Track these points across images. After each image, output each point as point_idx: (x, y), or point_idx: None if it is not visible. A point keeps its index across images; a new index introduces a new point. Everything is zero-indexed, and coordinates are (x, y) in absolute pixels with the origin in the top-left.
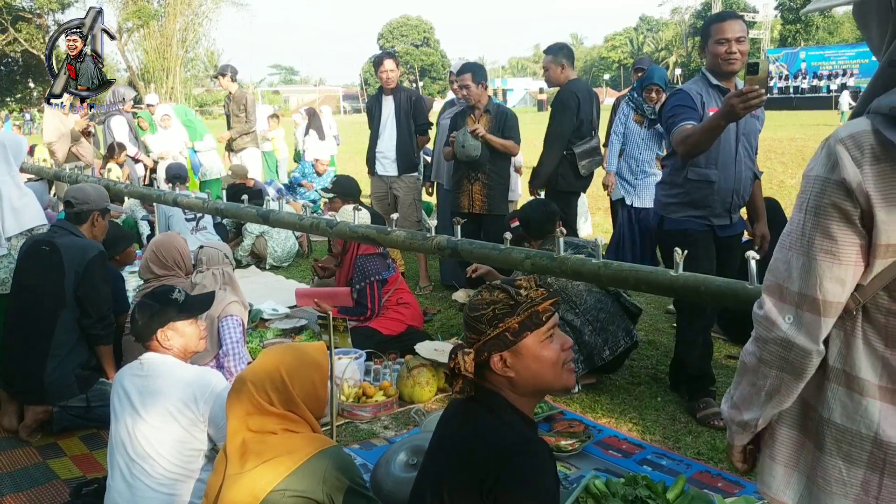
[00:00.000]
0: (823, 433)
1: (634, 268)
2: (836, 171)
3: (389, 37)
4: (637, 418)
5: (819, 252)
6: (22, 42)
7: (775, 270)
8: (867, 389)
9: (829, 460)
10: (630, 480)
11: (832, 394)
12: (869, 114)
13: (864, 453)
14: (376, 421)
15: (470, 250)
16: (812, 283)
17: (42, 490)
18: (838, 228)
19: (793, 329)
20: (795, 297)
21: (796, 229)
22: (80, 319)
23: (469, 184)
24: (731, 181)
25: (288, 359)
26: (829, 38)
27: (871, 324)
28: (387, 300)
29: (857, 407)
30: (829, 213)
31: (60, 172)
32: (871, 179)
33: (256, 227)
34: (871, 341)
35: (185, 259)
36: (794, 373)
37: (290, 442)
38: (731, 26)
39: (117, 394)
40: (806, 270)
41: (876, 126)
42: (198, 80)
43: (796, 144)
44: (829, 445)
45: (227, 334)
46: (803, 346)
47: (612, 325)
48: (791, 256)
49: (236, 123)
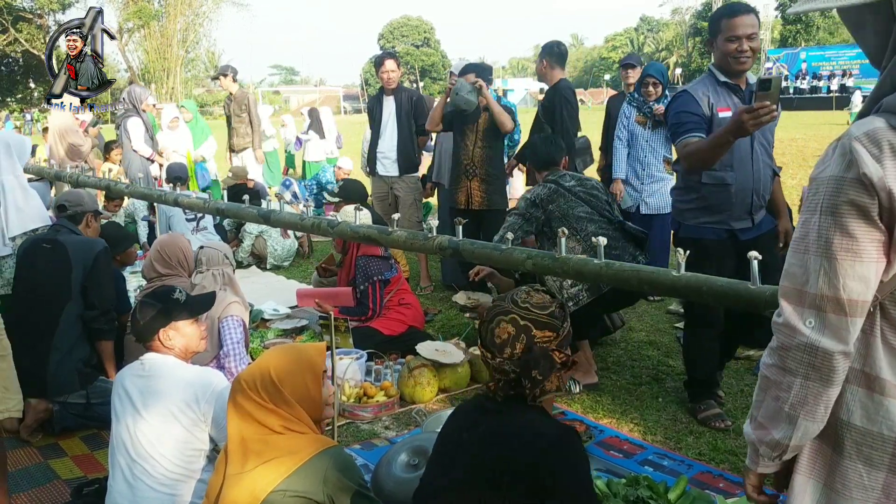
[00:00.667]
0: (842, 436)
1: (636, 268)
2: (854, 168)
3: (390, 37)
4: (638, 419)
5: (839, 251)
6: (23, 42)
7: (791, 275)
8: (888, 390)
9: (848, 464)
10: (631, 481)
11: (851, 395)
12: (880, 112)
13: (886, 455)
14: (377, 421)
15: (471, 250)
16: (834, 283)
17: (43, 490)
18: (857, 226)
19: (815, 332)
20: (816, 299)
21: (812, 232)
22: (84, 313)
23: (467, 180)
24: (750, 181)
25: (281, 360)
26: (830, 39)
27: (889, 322)
28: (388, 300)
29: (879, 408)
30: (846, 212)
31: (61, 173)
32: (893, 174)
33: (255, 227)
34: (890, 340)
35: (188, 259)
36: (820, 379)
37: (290, 442)
38: (743, 22)
39: (118, 394)
40: (826, 271)
41: (891, 122)
42: (198, 81)
43: (797, 145)
44: (849, 449)
45: (228, 335)
46: (828, 348)
47: (615, 251)
48: (808, 259)
49: (238, 124)
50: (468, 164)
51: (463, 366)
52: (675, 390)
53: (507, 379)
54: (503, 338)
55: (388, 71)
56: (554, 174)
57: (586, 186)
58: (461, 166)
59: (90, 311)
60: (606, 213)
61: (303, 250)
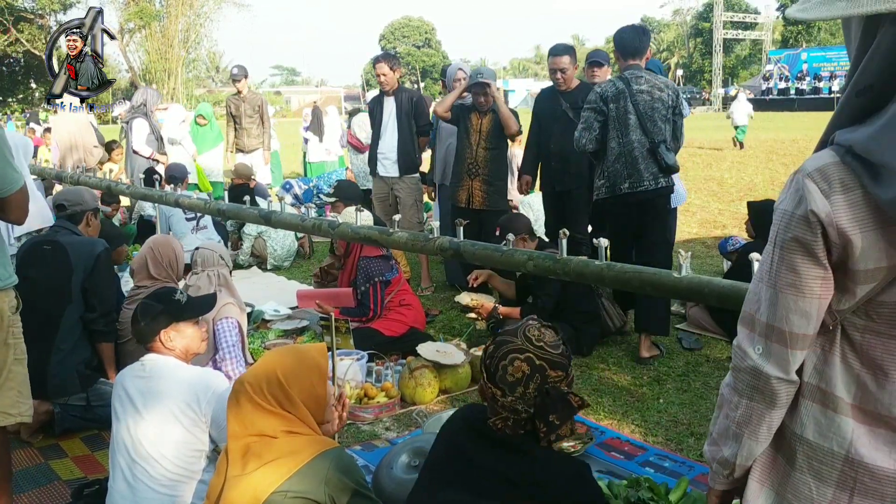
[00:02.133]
0: (795, 449)
1: (638, 269)
2: (802, 204)
3: (391, 38)
4: (639, 420)
5: (784, 286)
6: (24, 43)
7: (748, 301)
8: (841, 407)
9: (799, 477)
10: (632, 482)
11: (806, 410)
12: (833, 145)
13: (835, 472)
14: (378, 422)
15: (472, 251)
16: (779, 315)
17: (43, 491)
18: (801, 262)
19: (761, 359)
20: (764, 328)
21: (766, 262)
22: (84, 315)
23: (469, 179)
24: None
25: (286, 360)
26: (831, 40)
27: (849, 343)
28: (389, 301)
29: (831, 424)
30: (792, 248)
31: (62, 174)
32: (843, 208)
33: (254, 228)
34: (849, 360)
35: (179, 263)
36: (764, 401)
37: (291, 443)
38: None
39: (119, 395)
40: (773, 303)
41: (841, 157)
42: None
43: (798, 146)
44: (801, 462)
45: (223, 337)
46: (770, 373)
47: (641, 164)
48: (761, 288)
49: (249, 125)
50: (471, 163)
51: (464, 367)
52: (676, 391)
53: (517, 418)
54: (517, 377)
55: (380, 73)
56: (630, 70)
57: (654, 96)
58: (464, 165)
59: (90, 313)
60: (650, 129)
61: (304, 251)
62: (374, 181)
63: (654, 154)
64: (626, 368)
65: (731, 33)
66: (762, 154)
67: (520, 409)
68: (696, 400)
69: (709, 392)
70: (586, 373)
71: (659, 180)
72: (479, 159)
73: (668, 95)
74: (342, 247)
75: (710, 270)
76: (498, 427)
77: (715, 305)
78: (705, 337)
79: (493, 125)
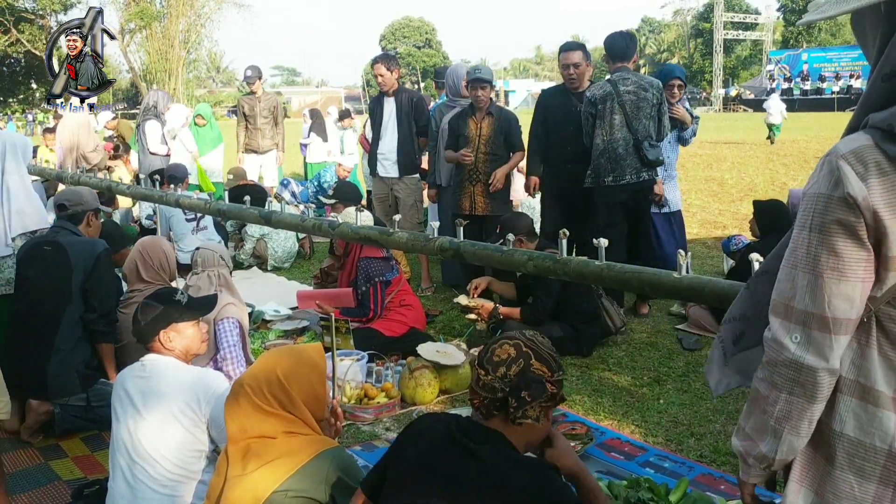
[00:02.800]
0: (835, 446)
1: (638, 270)
2: (840, 187)
3: (391, 38)
4: (639, 420)
5: (825, 269)
6: (24, 43)
7: (780, 290)
8: (882, 401)
9: (839, 475)
10: (632, 483)
11: (844, 406)
12: (867, 128)
13: (878, 467)
14: (378, 422)
15: (472, 251)
16: (819, 300)
17: (43, 491)
18: (844, 245)
19: (800, 349)
20: (802, 315)
21: (800, 247)
22: (84, 315)
23: (471, 185)
24: None
25: (284, 360)
26: (832, 40)
27: (885, 334)
28: (389, 301)
29: (872, 419)
30: (833, 230)
31: (63, 174)
32: (879, 192)
33: (257, 230)
34: (886, 351)
35: (169, 263)
36: (805, 395)
37: (291, 443)
38: None
39: (119, 395)
40: (812, 288)
41: (877, 140)
42: (200, 82)
43: (798, 146)
44: (841, 459)
45: (224, 338)
46: (812, 365)
47: (624, 161)
48: (796, 275)
49: (264, 125)
50: (472, 169)
51: (464, 367)
52: (676, 392)
53: (493, 397)
54: (502, 357)
55: (378, 74)
56: (619, 72)
57: (639, 96)
58: (465, 170)
59: (90, 313)
60: (634, 127)
61: (304, 251)
62: (374, 181)
63: (639, 150)
64: (626, 368)
65: (732, 34)
66: (762, 155)
67: (497, 387)
68: (696, 400)
69: (709, 393)
70: (586, 373)
71: (641, 174)
72: (480, 164)
73: (652, 95)
74: (341, 246)
75: (710, 270)
76: (474, 404)
77: (715, 306)
78: (705, 337)
79: (491, 130)
